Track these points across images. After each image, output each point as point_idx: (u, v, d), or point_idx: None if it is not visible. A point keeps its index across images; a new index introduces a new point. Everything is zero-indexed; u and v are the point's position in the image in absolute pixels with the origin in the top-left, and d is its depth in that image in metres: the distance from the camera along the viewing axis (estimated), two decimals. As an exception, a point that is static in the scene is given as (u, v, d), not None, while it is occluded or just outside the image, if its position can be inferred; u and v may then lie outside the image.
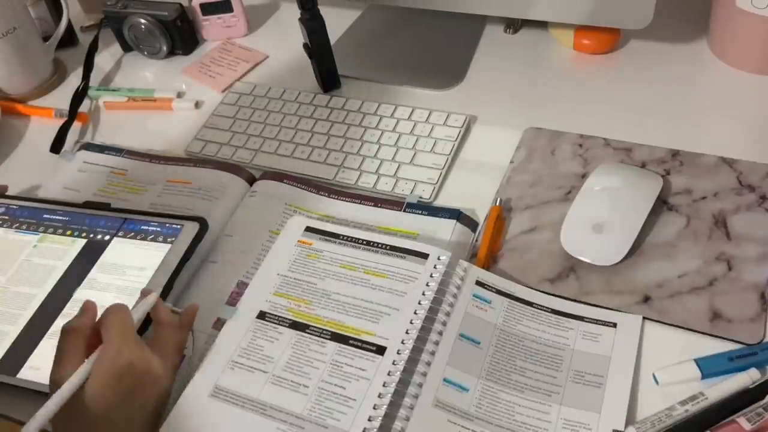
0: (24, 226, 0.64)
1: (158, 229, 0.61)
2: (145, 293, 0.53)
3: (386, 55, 0.82)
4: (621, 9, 0.68)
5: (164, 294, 0.55)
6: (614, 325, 0.52)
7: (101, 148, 0.75)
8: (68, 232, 0.63)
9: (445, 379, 0.50)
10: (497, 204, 0.61)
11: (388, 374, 0.50)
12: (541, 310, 0.54)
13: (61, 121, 0.79)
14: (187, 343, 0.54)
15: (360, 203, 0.64)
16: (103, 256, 0.60)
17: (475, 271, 0.56)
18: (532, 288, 0.55)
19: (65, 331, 0.48)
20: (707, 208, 0.58)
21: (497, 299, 0.54)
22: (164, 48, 0.86)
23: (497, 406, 0.49)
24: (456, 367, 0.51)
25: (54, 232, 0.63)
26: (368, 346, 0.52)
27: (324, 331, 0.53)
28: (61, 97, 0.85)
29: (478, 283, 0.55)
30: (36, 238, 0.63)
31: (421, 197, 0.64)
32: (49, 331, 0.55)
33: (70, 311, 0.56)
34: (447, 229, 0.60)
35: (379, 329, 0.52)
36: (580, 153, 0.65)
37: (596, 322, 0.52)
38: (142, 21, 0.84)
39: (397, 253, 0.57)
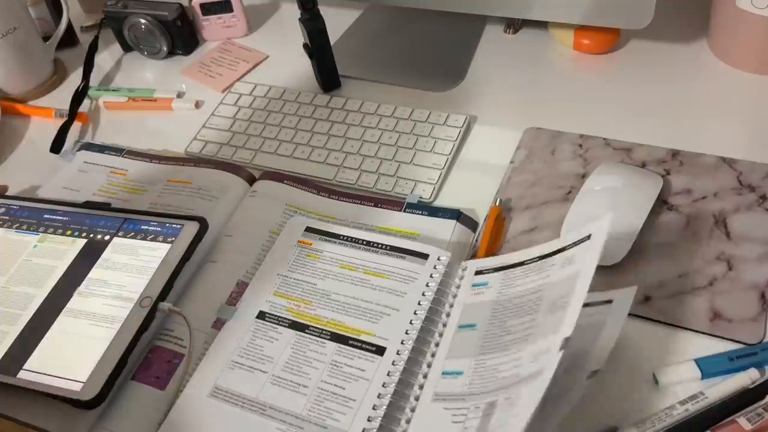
0: (24, 226, 0.64)
1: (158, 229, 0.61)
2: None
3: (386, 55, 0.82)
4: (621, 9, 0.68)
5: (164, 294, 0.55)
6: (588, 236, 0.48)
7: (101, 148, 0.75)
8: (68, 232, 0.63)
9: (443, 372, 0.50)
10: (497, 204, 0.61)
11: (388, 375, 0.50)
12: (530, 263, 0.52)
13: (61, 121, 0.79)
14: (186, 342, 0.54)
15: (360, 203, 0.64)
16: (103, 256, 0.60)
17: (474, 263, 0.55)
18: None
19: None
20: (707, 208, 0.58)
21: (493, 277, 0.54)
22: (164, 48, 0.86)
23: (485, 375, 0.47)
24: (453, 357, 0.50)
25: (54, 232, 0.63)
26: (368, 347, 0.52)
27: (324, 332, 0.53)
28: (61, 97, 0.85)
29: (477, 273, 0.55)
30: (36, 238, 0.63)
31: (421, 197, 0.64)
32: (49, 332, 0.55)
33: (70, 311, 0.56)
34: (447, 229, 0.60)
35: (378, 329, 0.52)
36: (580, 153, 0.65)
37: (574, 245, 0.49)
38: (142, 21, 0.84)
39: (397, 254, 0.57)
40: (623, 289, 0.50)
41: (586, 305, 0.50)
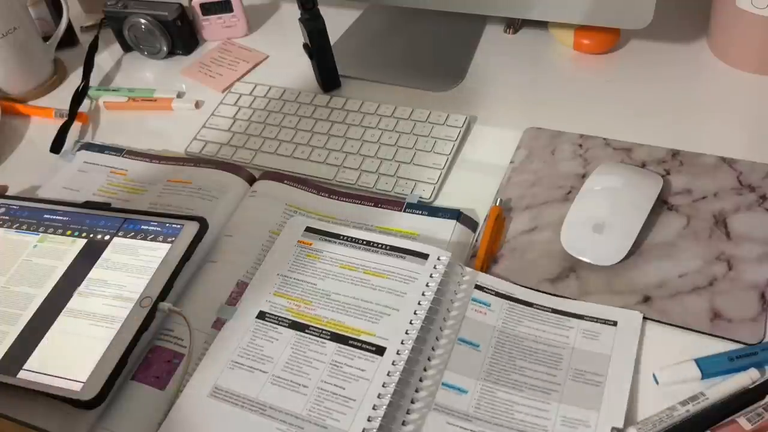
0: (24, 226, 0.64)
1: (158, 228, 0.61)
2: None
3: (386, 55, 0.82)
4: (621, 9, 0.68)
5: (164, 294, 0.55)
6: (614, 323, 0.52)
7: (101, 148, 0.75)
8: (68, 232, 0.63)
9: (443, 384, 0.50)
10: (497, 204, 0.61)
11: (388, 375, 0.50)
12: (541, 310, 0.54)
13: (61, 121, 0.79)
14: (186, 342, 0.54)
15: (360, 203, 0.64)
16: (103, 256, 0.60)
17: (475, 275, 0.56)
18: (531, 288, 0.55)
19: None
20: (707, 208, 0.58)
21: (496, 302, 0.54)
22: (164, 48, 0.86)
23: (496, 406, 0.49)
24: (455, 371, 0.50)
25: (54, 232, 0.63)
26: (368, 347, 0.52)
27: (324, 332, 0.53)
28: (61, 97, 0.85)
29: (478, 287, 0.55)
30: (36, 238, 0.63)
31: (421, 197, 0.64)
32: (49, 332, 0.55)
33: (70, 311, 0.56)
34: (447, 229, 0.60)
35: (378, 329, 0.52)
36: (580, 153, 0.65)
37: (596, 320, 0.52)
38: (142, 21, 0.84)
39: (397, 254, 0.57)
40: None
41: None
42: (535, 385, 0.49)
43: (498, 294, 0.55)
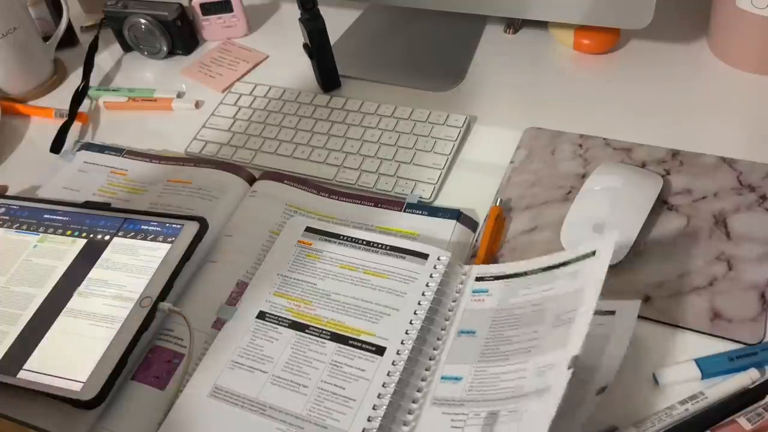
0: (24, 226, 0.64)
1: (158, 228, 0.61)
2: None
3: (386, 55, 0.82)
4: (621, 9, 0.68)
5: (164, 294, 0.55)
6: (593, 254, 0.49)
7: (101, 148, 0.75)
8: (68, 232, 0.63)
9: (442, 377, 0.50)
10: (497, 204, 0.61)
11: (388, 375, 0.50)
12: (532, 274, 0.53)
13: (61, 121, 0.79)
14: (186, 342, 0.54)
15: (360, 203, 0.64)
16: (103, 256, 0.60)
17: (475, 269, 0.56)
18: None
19: None
20: (707, 208, 0.58)
21: (494, 285, 0.54)
22: (164, 48, 0.86)
23: (485, 383, 0.48)
24: (453, 362, 0.50)
25: (54, 232, 0.63)
26: (368, 347, 0.52)
27: (324, 332, 0.53)
28: (61, 97, 0.85)
29: (478, 279, 0.55)
30: (36, 238, 0.63)
31: (421, 197, 0.64)
32: (49, 332, 0.55)
33: (70, 311, 0.56)
34: (447, 229, 0.60)
35: (378, 329, 0.52)
36: (580, 153, 0.65)
37: (577, 259, 0.50)
38: (142, 21, 0.84)
39: (397, 254, 0.57)
40: (627, 301, 0.50)
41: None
42: (520, 349, 0.48)
43: (496, 278, 0.54)
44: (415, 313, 0.53)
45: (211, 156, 0.72)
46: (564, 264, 0.51)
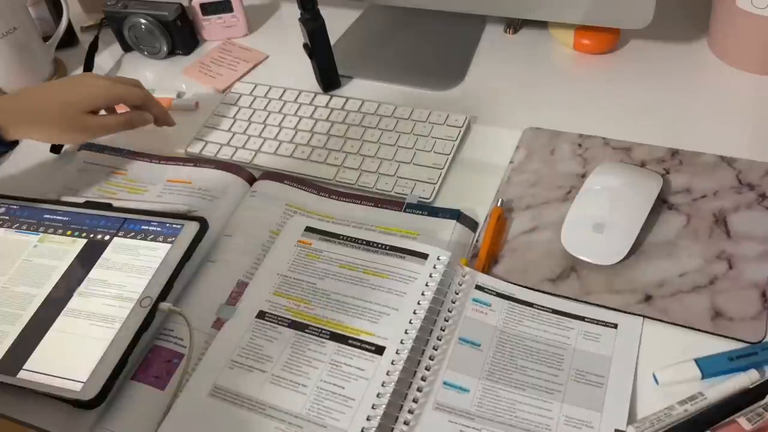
0: (24, 226, 0.64)
1: (158, 229, 0.61)
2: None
3: (386, 55, 0.82)
4: (621, 9, 0.68)
5: (164, 294, 0.55)
6: (615, 326, 0.52)
7: (101, 148, 0.75)
8: (68, 232, 0.63)
9: (445, 382, 0.50)
10: (498, 205, 0.61)
11: (387, 374, 0.50)
12: (541, 310, 0.54)
13: (61, 122, 0.79)
14: (188, 338, 0.54)
15: (360, 203, 0.64)
16: (103, 256, 0.60)
17: (475, 275, 0.56)
18: (532, 289, 0.55)
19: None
20: (707, 207, 0.58)
21: (497, 302, 0.54)
22: (164, 48, 0.86)
23: (498, 404, 0.49)
24: (456, 369, 0.51)
25: (54, 232, 0.63)
26: (367, 346, 0.52)
27: (323, 331, 0.53)
28: (61, 98, 0.85)
29: (478, 288, 0.55)
30: (36, 238, 0.63)
31: (421, 197, 0.64)
32: (50, 332, 0.55)
33: (70, 311, 0.56)
34: (447, 229, 0.60)
35: (378, 329, 0.52)
36: (580, 153, 0.65)
37: (597, 322, 0.52)
38: (142, 21, 0.84)
39: (397, 253, 0.57)
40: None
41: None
42: (537, 385, 0.49)
43: (499, 294, 0.55)
44: (414, 313, 0.53)
45: (211, 156, 0.72)
46: (577, 318, 0.53)
